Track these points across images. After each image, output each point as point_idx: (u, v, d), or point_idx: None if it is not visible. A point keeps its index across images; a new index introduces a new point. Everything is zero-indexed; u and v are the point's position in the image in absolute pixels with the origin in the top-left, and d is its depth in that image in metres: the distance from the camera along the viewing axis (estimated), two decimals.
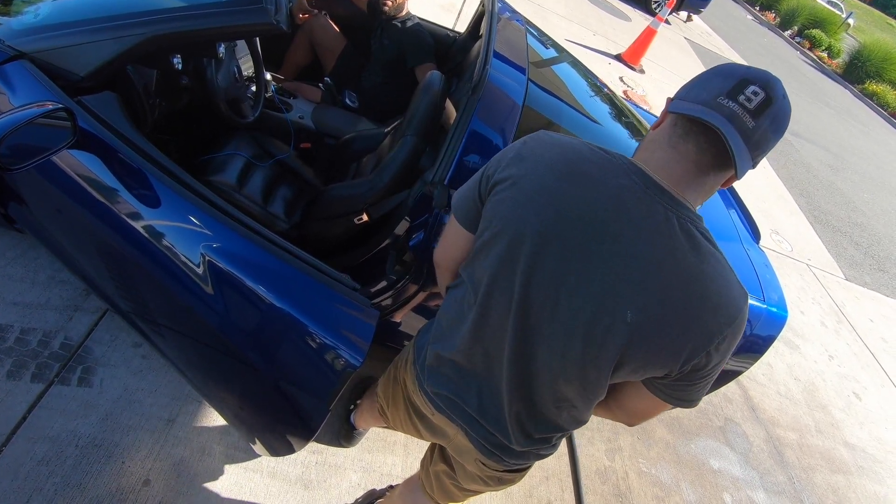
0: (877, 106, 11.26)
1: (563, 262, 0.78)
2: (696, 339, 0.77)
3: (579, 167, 0.79)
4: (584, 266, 0.77)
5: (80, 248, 1.46)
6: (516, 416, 0.94)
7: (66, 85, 1.31)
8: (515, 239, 0.80)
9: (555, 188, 0.78)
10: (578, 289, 0.78)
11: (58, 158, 1.27)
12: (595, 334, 0.79)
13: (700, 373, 0.83)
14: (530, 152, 0.84)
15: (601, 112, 2.15)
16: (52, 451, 1.48)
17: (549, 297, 0.80)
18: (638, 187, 0.77)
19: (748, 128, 0.72)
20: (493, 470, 1.06)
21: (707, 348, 0.78)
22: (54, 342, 1.69)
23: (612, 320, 0.77)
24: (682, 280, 0.76)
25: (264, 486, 1.61)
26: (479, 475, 1.10)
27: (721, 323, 0.77)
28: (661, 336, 0.77)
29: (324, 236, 1.82)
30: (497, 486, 1.13)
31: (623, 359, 0.80)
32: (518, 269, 0.81)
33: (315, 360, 1.18)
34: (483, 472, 1.08)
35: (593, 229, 0.76)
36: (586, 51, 6.24)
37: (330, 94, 2.41)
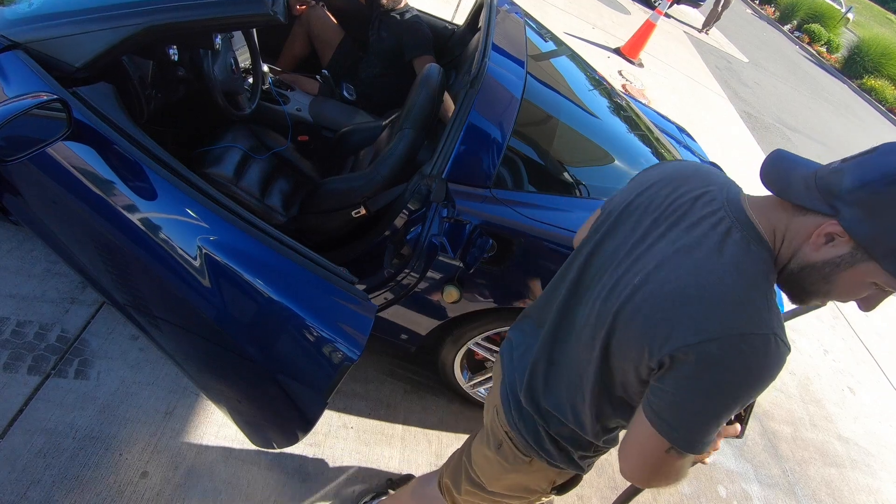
0: (875, 101, 11.27)
1: (625, 237, 0.86)
2: (677, 328, 0.74)
3: (682, 171, 0.88)
4: (635, 245, 0.84)
5: (76, 240, 1.45)
6: (534, 366, 0.99)
7: (61, 76, 1.30)
8: (604, 215, 0.93)
9: (652, 181, 0.89)
10: (623, 261, 0.84)
11: (53, 150, 1.26)
12: (611, 296, 0.83)
13: (671, 376, 0.75)
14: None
15: (600, 106, 2.14)
16: (49, 444, 1.48)
17: (604, 265, 0.88)
18: (719, 199, 0.81)
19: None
20: (500, 427, 1.07)
21: (685, 343, 0.72)
22: (51, 335, 1.69)
23: (626, 285, 0.82)
24: (696, 271, 0.75)
25: (262, 478, 1.61)
26: (489, 432, 1.11)
27: (708, 328, 0.71)
28: (650, 308, 0.77)
29: (321, 229, 1.81)
30: (497, 453, 1.08)
31: (615, 323, 0.81)
32: (594, 238, 0.92)
33: (313, 353, 1.18)
34: (492, 427, 1.10)
35: (659, 215, 0.83)
36: (585, 44, 6.21)
37: (328, 86, 2.39)
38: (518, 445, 1.04)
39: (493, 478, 1.13)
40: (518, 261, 1.53)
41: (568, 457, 1.01)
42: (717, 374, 0.72)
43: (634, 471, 0.84)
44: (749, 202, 0.80)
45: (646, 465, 0.82)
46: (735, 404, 0.74)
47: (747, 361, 0.71)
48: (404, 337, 1.78)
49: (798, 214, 0.73)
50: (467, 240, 1.48)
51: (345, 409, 1.87)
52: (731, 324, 0.71)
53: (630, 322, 0.79)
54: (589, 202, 1.70)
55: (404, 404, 1.97)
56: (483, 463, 1.14)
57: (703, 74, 7.57)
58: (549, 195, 1.65)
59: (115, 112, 1.31)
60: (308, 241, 1.34)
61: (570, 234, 1.53)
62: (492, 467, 1.12)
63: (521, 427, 1.02)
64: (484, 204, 1.51)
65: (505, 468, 1.08)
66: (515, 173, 1.64)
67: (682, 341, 0.72)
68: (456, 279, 1.54)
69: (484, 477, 1.14)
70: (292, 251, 1.21)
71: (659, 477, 0.83)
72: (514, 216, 1.51)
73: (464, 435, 1.97)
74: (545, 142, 1.80)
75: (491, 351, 1.81)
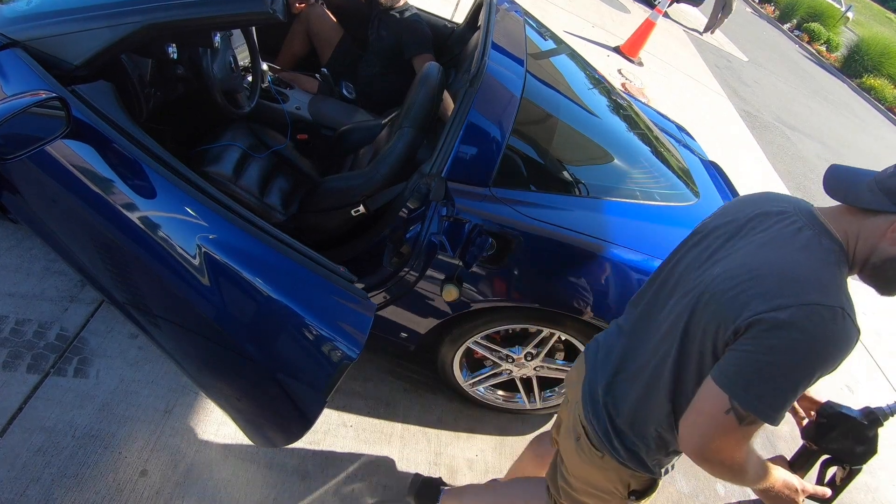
0: (874, 100, 11.26)
1: (706, 248, 0.96)
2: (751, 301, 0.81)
3: (763, 196, 0.99)
4: (715, 252, 0.94)
5: (75, 238, 1.45)
6: (615, 366, 1.07)
7: (60, 74, 1.30)
8: (691, 235, 1.05)
9: (736, 206, 1.01)
10: (703, 264, 0.94)
11: (52, 148, 1.26)
12: (691, 291, 0.92)
13: (741, 341, 0.81)
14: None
15: (599, 105, 2.14)
16: (48, 442, 1.48)
17: (686, 271, 0.97)
18: (791, 210, 0.90)
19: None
20: (579, 420, 1.12)
21: (758, 312, 0.79)
22: (50, 333, 1.69)
23: (705, 278, 0.91)
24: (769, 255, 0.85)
25: (261, 477, 1.61)
26: (571, 425, 1.16)
27: (779, 298, 0.78)
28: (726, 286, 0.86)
29: (321, 228, 1.81)
30: (576, 445, 1.13)
31: (694, 308, 0.89)
32: (679, 252, 1.04)
33: (312, 351, 1.18)
34: (573, 420, 1.15)
35: (738, 228, 0.93)
36: (585, 43, 6.21)
37: (327, 84, 2.39)
38: (592, 440, 1.09)
39: (573, 470, 1.18)
40: (517, 259, 1.53)
41: (636, 456, 1.04)
42: (783, 338, 0.77)
43: (692, 433, 0.86)
44: (819, 211, 0.90)
45: (704, 426, 0.84)
46: (796, 373, 0.79)
47: (814, 329, 0.77)
48: (404, 335, 1.78)
49: (868, 217, 0.83)
50: (466, 238, 1.48)
51: (344, 407, 1.87)
52: (801, 295, 0.78)
53: (708, 303, 0.87)
54: (588, 201, 1.70)
55: (403, 403, 1.97)
56: (566, 454, 1.20)
57: (703, 73, 7.56)
58: (548, 194, 1.65)
59: (114, 110, 1.31)
60: (307, 239, 1.34)
61: (570, 232, 1.53)
62: (571, 459, 1.17)
63: (595, 422, 1.07)
64: (483, 203, 1.51)
65: (582, 460, 1.13)
66: (515, 172, 1.64)
67: (755, 310, 0.80)
68: (455, 278, 1.54)
69: (567, 466, 1.19)
70: (291, 250, 1.20)
71: (715, 445, 0.83)
72: (514, 215, 1.51)
73: (463, 434, 1.97)
74: (545, 140, 1.80)
75: (490, 349, 1.81)
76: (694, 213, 1.90)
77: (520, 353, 1.79)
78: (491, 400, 2.00)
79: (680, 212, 1.85)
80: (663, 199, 1.84)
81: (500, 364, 1.85)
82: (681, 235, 1.77)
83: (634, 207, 1.74)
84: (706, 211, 1.99)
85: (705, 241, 0.98)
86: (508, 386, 1.99)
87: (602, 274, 1.55)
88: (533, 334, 1.76)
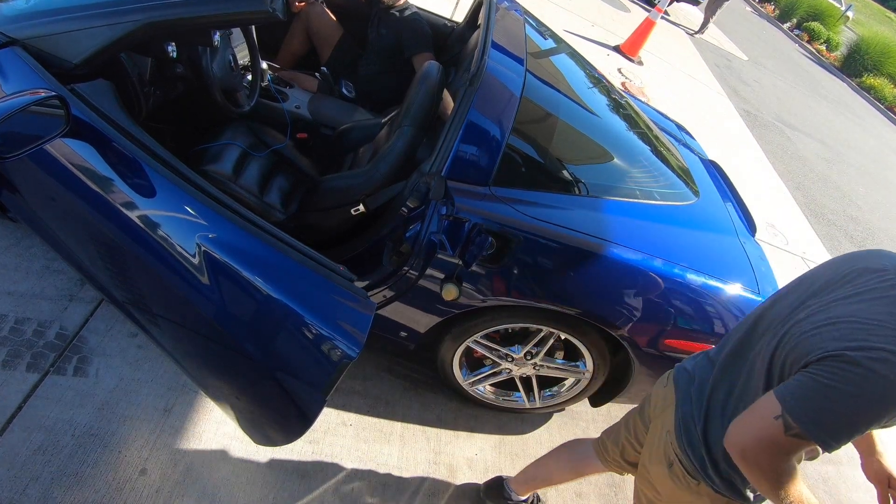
0: (874, 99, 11.25)
1: (799, 295, 1.00)
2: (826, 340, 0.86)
3: (865, 253, 1.00)
4: (807, 300, 0.98)
5: (74, 237, 1.45)
6: (709, 400, 1.09)
7: (59, 72, 1.29)
8: (791, 282, 1.09)
9: (837, 260, 1.04)
10: (795, 311, 0.98)
11: (51, 147, 1.26)
12: (781, 332, 0.96)
13: (807, 370, 0.85)
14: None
15: (599, 104, 2.14)
16: (48, 441, 1.48)
17: (778, 314, 1.02)
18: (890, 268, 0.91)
19: None
20: (672, 448, 1.15)
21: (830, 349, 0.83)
22: (49, 332, 1.69)
23: (793, 322, 0.95)
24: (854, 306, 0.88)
25: (261, 476, 1.61)
26: (662, 450, 1.18)
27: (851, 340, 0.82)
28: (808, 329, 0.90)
29: (320, 227, 1.81)
30: (669, 471, 1.16)
31: (780, 348, 0.94)
32: (776, 296, 1.09)
33: (312, 350, 1.18)
34: (665, 446, 1.17)
35: (832, 280, 0.97)
36: (585, 42, 6.20)
37: (327, 83, 2.39)
38: (687, 468, 1.12)
39: (666, 494, 1.20)
40: (517, 258, 1.53)
41: (731, 485, 1.06)
42: (848, 371, 0.80)
43: (739, 429, 0.90)
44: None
45: (751, 425, 0.89)
46: (853, 403, 0.81)
47: (880, 372, 0.78)
48: (403, 334, 1.78)
49: None
50: (466, 238, 1.48)
51: (344, 406, 1.87)
52: (874, 340, 0.80)
53: (788, 342, 0.92)
54: (588, 200, 1.70)
55: (403, 402, 1.97)
56: (658, 479, 1.21)
57: (703, 72, 7.56)
58: (548, 193, 1.65)
59: (114, 109, 1.31)
60: (307, 238, 1.34)
61: (569, 231, 1.53)
62: (664, 484, 1.19)
63: (690, 452, 1.10)
64: (483, 202, 1.51)
65: (677, 486, 1.15)
66: (515, 171, 1.64)
67: (826, 348, 0.84)
68: (455, 277, 1.54)
69: (659, 490, 1.21)
70: (291, 249, 1.20)
71: (756, 445, 0.87)
72: (514, 214, 1.51)
73: (463, 432, 1.98)
74: (544, 140, 1.80)
75: (490, 348, 1.81)
76: (693, 212, 1.91)
77: (519, 352, 1.80)
78: (490, 399, 2.01)
79: (679, 211, 1.85)
80: (663, 198, 1.84)
81: (500, 363, 1.86)
82: (680, 234, 1.77)
83: (634, 206, 1.74)
84: (705, 210, 2.01)
85: (801, 287, 1.03)
86: (507, 385, 1.99)
87: (601, 273, 1.55)
88: (532, 333, 1.76)
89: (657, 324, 1.62)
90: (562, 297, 1.58)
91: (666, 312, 1.60)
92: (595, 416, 2.26)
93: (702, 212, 1.95)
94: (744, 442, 0.88)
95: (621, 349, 1.70)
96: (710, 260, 1.70)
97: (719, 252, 1.80)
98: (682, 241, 1.73)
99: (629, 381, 1.77)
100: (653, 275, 1.56)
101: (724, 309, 1.63)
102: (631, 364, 1.71)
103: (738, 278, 1.68)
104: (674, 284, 1.58)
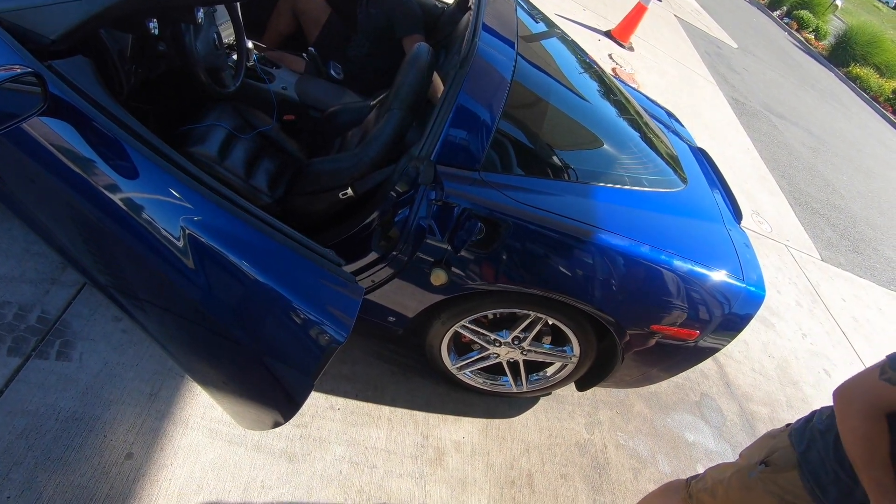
0: (860, 89, 11.37)
1: None
2: None
3: None
4: None
5: (55, 220, 1.42)
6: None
7: (36, 48, 1.25)
8: None
9: None
10: None
11: (29, 126, 1.22)
12: None
13: None
14: None
15: (590, 89, 2.13)
16: (31, 425, 1.46)
17: None
18: None
19: None
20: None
21: None
22: (30, 316, 1.66)
23: None
24: None
25: (248, 460, 1.62)
26: None
27: None
28: None
29: (308, 211, 1.79)
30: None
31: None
32: None
33: (299, 335, 1.17)
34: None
35: None
36: (576, 26, 6.15)
37: (314, 64, 2.34)
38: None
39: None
40: (506, 244, 1.53)
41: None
42: None
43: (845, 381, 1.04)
44: None
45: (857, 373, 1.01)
46: None
47: None
48: (392, 319, 1.78)
49: None
50: (455, 223, 1.48)
51: (332, 390, 1.87)
52: None
53: None
54: (577, 186, 1.70)
55: (391, 386, 1.98)
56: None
57: (693, 59, 7.56)
58: (538, 178, 1.65)
59: (94, 87, 1.27)
60: (294, 222, 1.33)
61: (558, 217, 1.54)
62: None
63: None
64: (473, 187, 1.51)
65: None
66: (504, 156, 1.63)
67: None
68: (444, 262, 1.54)
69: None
70: (278, 232, 1.19)
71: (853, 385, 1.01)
72: (503, 199, 1.51)
73: (451, 416, 1.99)
74: (535, 125, 1.79)
75: (478, 333, 1.82)
76: (681, 199, 1.92)
77: (507, 337, 1.81)
78: (478, 383, 2.02)
79: (667, 198, 1.86)
80: (651, 185, 1.85)
81: (488, 348, 1.87)
82: (667, 221, 1.79)
83: (623, 193, 1.75)
84: (693, 197, 2.02)
85: None
86: (495, 369, 2.01)
87: (589, 258, 1.56)
88: (520, 318, 1.77)
89: (643, 309, 1.63)
90: (550, 283, 1.59)
91: (652, 298, 1.62)
92: (581, 399, 2.29)
93: (689, 199, 1.96)
94: (844, 385, 1.00)
95: (608, 334, 1.72)
96: (697, 247, 1.72)
97: (706, 239, 1.82)
98: (669, 227, 1.74)
99: (615, 366, 1.80)
100: (640, 261, 1.58)
101: (708, 295, 1.65)
102: (617, 349, 1.73)
103: (723, 265, 1.70)
104: (660, 271, 1.59)
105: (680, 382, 2.65)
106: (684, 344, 1.71)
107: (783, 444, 1.27)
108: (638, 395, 2.47)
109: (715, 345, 1.74)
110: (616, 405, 2.36)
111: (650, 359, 1.79)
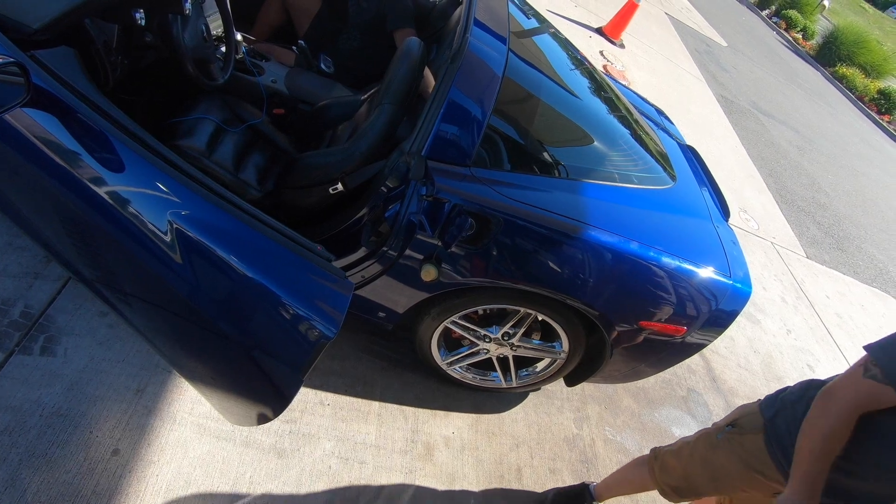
0: (846, 89, 11.51)
1: None
2: None
3: None
4: None
5: (39, 213, 1.39)
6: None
7: (18, 38, 1.22)
8: None
9: None
10: None
11: (11, 117, 1.20)
12: None
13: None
14: None
15: (581, 86, 2.14)
16: (14, 421, 1.44)
17: None
18: None
19: None
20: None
21: None
22: (13, 310, 1.63)
23: None
24: None
25: (237, 455, 1.61)
26: None
27: None
28: None
29: (297, 206, 1.78)
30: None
31: None
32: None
33: (289, 330, 1.17)
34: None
35: None
36: (567, 22, 6.15)
37: (304, 57, 2.32)
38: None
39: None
40: (496, 239, 1.53)
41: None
42: None
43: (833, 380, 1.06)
44: None
45: (844, 372, 1.04)
46: None
47: None
48: (382, 315, 1.78)
49: None
50: (446, 218, 1.48)
51: (321, 386, 1.87)
52: None
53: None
54: (567, 183, 1.70)
55: (381, 381, 1.98)
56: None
57: (683, 57, 7.60)
58: (528, 175, 1.65)
59: (79, 78, 1.24)
60: (284, 217, 1.32)
61: (548, 214, 1.54)
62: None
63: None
64: (463, 182, 1.50)
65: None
66: (495, 152, 1.63)
67: None
68: (434, 258, 1.53)
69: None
70: (267, 227, 1.18)
71: (838, 384, 1.04)
72: (494, 195, 1.51)
73: (440, 411, 2.00)
74: (525, 121, 1.79)
75: (468, 329, 1.82)
76: (670, 196, 1.93)
77: (497, 333, 1.81)
78: (468, 378, 2.03)
79: (656, 195, 1.88)
80: (641, 182, 1.86)
81: (478, 343, 1.87)
82: (656, 218, 1.80)
83: (612, 190, 1.76)
84: (682, 195, 2.04)
85: None
86: (485, 365, 2.01)
87: (578, 255, 1.57)
88: (510, 314, 1.77)
89: (632, 305, 1.65)
90: (540, 279, 1.59)
91: (640, 294, 1.64)
92: (570, 395, 2.31)
93: (678, 196, 1.98)
94: (828, 387, 1.02)
95: (596, 330, 1.73)
96: (685, 244, 1.73)
97: (694, 236, 1.83)
98: (658, 224, 1.76)
99: (603, 362, 1.81)
100: (629, 257, 1.59)
101: (696, 292, 1.67)
102: (605, 344, 1.75)
103: (710, 262, 1.72)
104: (649, 267, 1.61)
105: (667, 378, 2.68)
106: (672, 340, 1.73)
107: (752, 409, 1.34)
108: (626, 390, 2.49)
109: (702, 340, 1.76)
110: (604, 400, 2.39)
111: (638, 354, 1.80)
